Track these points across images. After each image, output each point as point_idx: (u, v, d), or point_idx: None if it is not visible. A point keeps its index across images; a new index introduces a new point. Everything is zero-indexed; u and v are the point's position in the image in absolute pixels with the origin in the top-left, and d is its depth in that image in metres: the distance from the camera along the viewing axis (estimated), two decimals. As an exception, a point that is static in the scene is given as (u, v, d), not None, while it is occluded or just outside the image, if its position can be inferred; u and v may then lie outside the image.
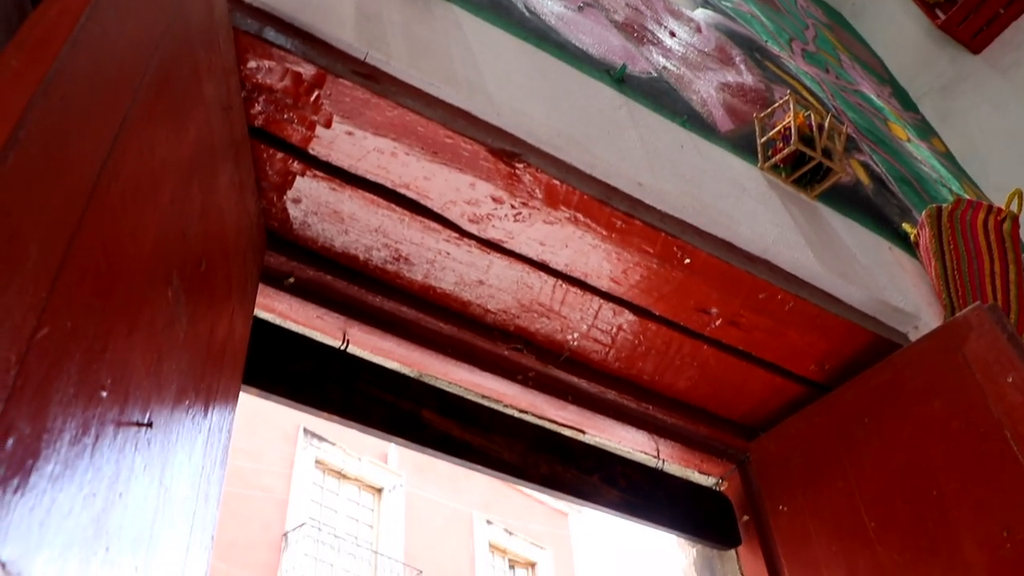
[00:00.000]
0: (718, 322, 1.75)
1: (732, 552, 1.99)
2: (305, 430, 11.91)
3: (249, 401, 1.50)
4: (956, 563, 1.56)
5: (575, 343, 1.76)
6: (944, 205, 2.21)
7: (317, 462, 11.98)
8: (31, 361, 0.60)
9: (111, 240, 0.76)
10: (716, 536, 1.96)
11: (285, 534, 11.07)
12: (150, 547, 0.87)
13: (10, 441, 0.57)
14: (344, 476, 12.25)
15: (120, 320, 0.79)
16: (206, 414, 1.12)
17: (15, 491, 0.57)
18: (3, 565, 0.55)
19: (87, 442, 0.70)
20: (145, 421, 0.84)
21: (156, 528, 0.89)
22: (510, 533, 13.88)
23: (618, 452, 1.92)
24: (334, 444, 12.12)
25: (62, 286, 0.66)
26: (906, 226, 2.34)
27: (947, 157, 3.68)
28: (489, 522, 13.62)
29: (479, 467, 1.62)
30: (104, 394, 0.74)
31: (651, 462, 1.95)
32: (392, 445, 12.52)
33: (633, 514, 1.80)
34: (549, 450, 1.75)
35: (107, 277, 0.76)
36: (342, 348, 1.60)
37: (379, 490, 12.52)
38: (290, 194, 1.46)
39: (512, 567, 13.95)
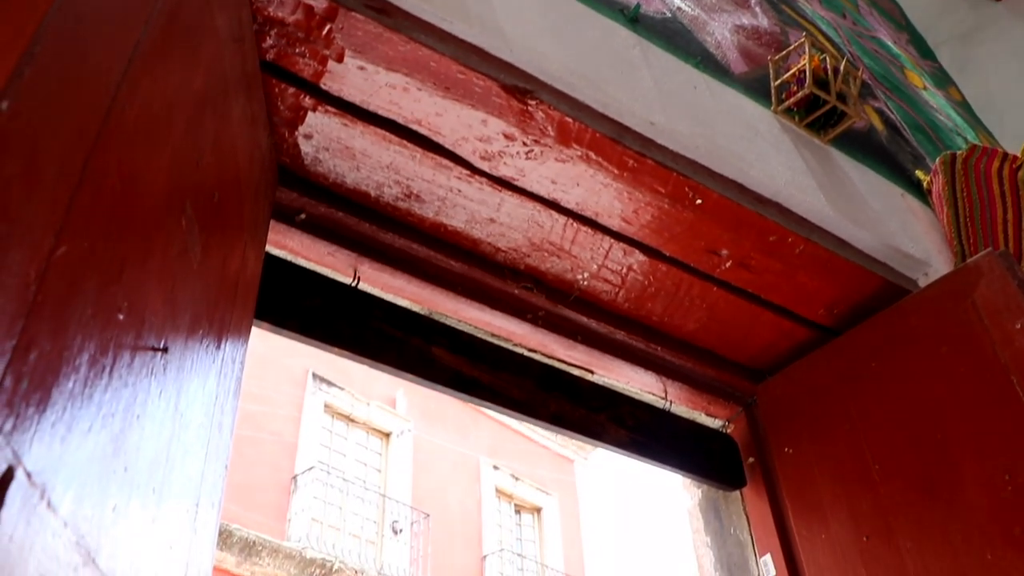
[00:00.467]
0: (728, 264, 1.75)
1: (737, 493, 2.02)
2: (314, 375, 12.01)
3: (258, 346, 1.51)
4: (957, 505, 1.59)
5: (585, 283, 1.76)
6: (959, 152, 2.20)
7: (326, 407, 12.09)
8: (50, 278, 0.61)
9: (126, 163, 0.77)
10: (721, 477, 1.99)
11: (295, 477, 11.22)
12: (167, 470, 0.88)
13: (32, 356, 0.58)
14: (352, 421, 12.37)
15: (135, 245, 0.80)
16: (219, 345, 1.13)
17: (38, 405, 0.59)
18: (28, 475, 0.57)
19: (105, 363, 0.71)
20: (160, 346, 0.86)
21: (172, 452, 0.90)
22: (516, 479, 14.05)
23: (626, 392, 1.93)
24: (343, 389, 12.22)
25: (79, 206, 0.66)
26: (919, 173, 2.33)
27: (963, 106, 3.63)
28: (496, 468, 13.78)
29: (488, 403, 1.64)
30: (121, 316, 0.75)
31: (659, 403, 1.97)
32: (400, 391, 12.64)
33: (640, 453, 1.83)
34: (557, 389, 1.77)
35: (122, 201, 0.76)
36: (353, 285, 1.61)
37: (387, 435, 12.65)
38: (302, 129, 1.45)
39: (518, 512, 14.14)
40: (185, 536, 0.95)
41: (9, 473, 0.54)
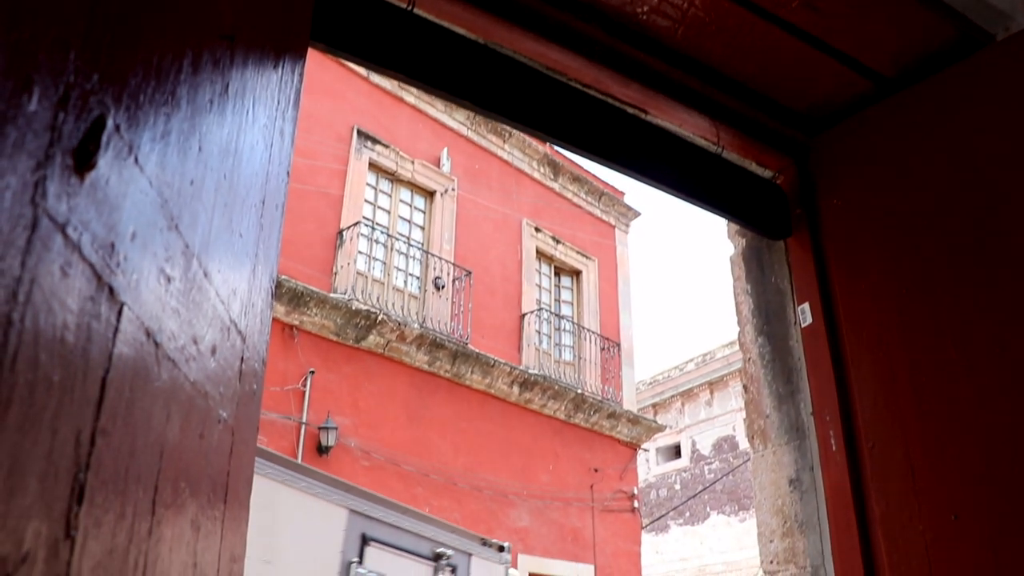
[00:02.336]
0: (795, 4, 1.68)
1: (780, 243, 2.05)
2: (359, 131, 11.99)
3: (302, 102, 1.50)
4: (1002, 280, 1.59)
5: (644, 16, 1.71)
6: None
7: (371, 164, 12.15)
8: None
9: None
10: (767, 225, 2.01)
11: (340, 232, 11.47)
12: (236, 160, 0.91)
13: (113, 7, 0.59)
14: (397, 178, 12.47)
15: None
16: (279, 53, 1.14)
17: (121, 63, 0.60)
18: (117, 127, 0.59)
19: (179, 39, 0.72)
20: (228, 35, 0.86)
21: (241, 145, 0.93)
22: (557, 241, 14.26)
23: (679, 134, 1.92)
24: (388, 146, 12.23)
25: None
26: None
27: None
28: (537, 229, 13.96)
29: (542, 134, 1.64)
30: (191, -5, 0.76)
31: (711, 148, 1.96)
32: (445, 150, 12.64)
33: (689, 194, 1.84)
34: (611, 125, 1.76)
35: None
36: (408, 9, 1.58)
37: (431, 193, 12.77)
38: None
39: (557, 274, 14.45)
40: (254, 227, 1.00)
41: (101, 120, 0.57)
